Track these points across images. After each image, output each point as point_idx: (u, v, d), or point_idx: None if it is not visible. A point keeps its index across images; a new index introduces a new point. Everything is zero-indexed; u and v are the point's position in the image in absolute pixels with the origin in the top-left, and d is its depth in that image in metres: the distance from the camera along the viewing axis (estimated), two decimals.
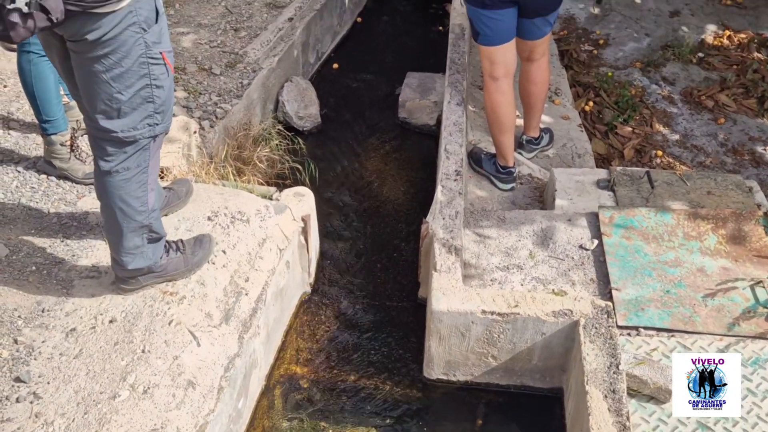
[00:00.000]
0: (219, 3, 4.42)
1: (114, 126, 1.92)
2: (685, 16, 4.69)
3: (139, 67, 1.85)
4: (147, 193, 2.08)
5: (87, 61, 1.82)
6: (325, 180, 3.66)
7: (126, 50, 1.80)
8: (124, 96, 1.87)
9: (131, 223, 2.10)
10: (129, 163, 2.00)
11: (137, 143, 1.98)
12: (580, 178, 3.04)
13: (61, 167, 2.79)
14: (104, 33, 1.75)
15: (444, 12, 5.26)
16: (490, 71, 3.04)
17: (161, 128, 2.01)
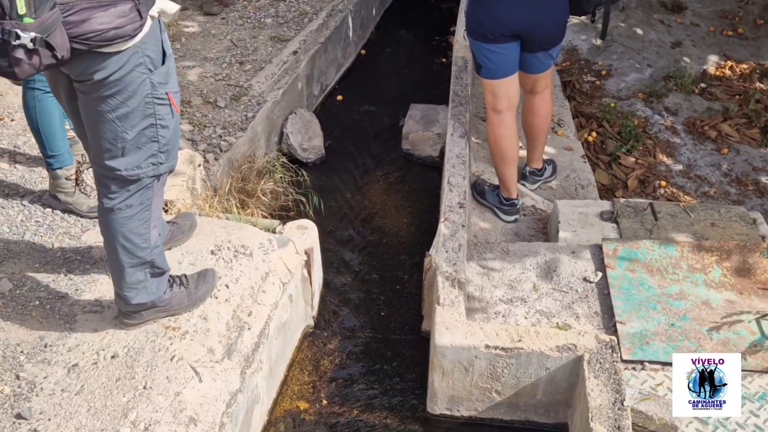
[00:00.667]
0: (225, 37, 4.48)
1: (118, 164, 1.93)
2: (687, 46, 4.72)
3: (144, 107, 1.86)
4: (150, 230, 2.09)
5: (93, 100, 1.83)
6: (328, 212, 3.67)
7: (132, 90, 1.82)
8: (129, 135, 1.88)
9: (134, 259, 2.10)
10: (132, 201, 2.01)
11: (140, 182, 1.99)
12: (583, 209, 3.04)
13: (66, 201, 2.81)
14: (111, 73, 1.77)
15: (447, 44, 5.32)
16: (492, 104, 3.06)
17: (165, 168, 2.02)
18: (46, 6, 1.54)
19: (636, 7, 5.06)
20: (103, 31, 1.67)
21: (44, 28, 1.55)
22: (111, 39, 1.69)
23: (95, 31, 1.65)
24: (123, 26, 1.69)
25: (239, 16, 4.74)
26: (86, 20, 1.63)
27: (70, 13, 1.61)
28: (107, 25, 1.66)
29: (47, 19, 1.55)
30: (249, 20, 4.71)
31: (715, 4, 5.11)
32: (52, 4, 1.56)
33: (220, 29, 4.58)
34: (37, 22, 1.53)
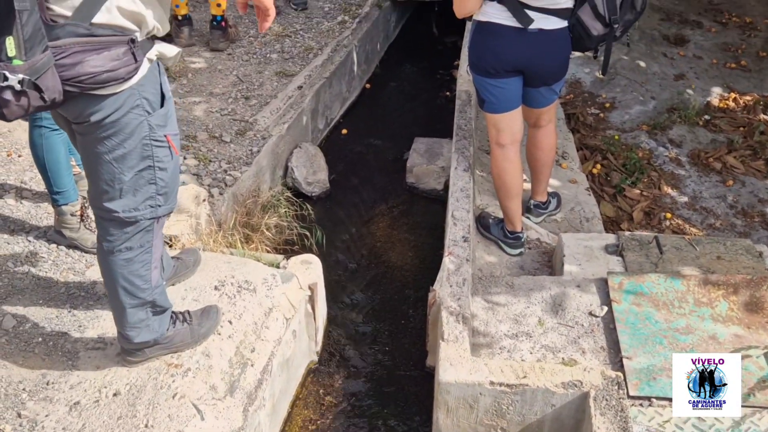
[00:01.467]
0: (231, 72, 4.53)
1: (115, 206, 1.91)
2: (690, 79, 4.74)
3: (142, 149, 1.85)
4: (150, 272, 2.08)
5: (91, 141, 1.83)
6: (333, 246, 3.67)
7: (129, 132, 1.81)
8: (126, 177, 1.87)
9: (134, 300, 2.09)
10: (131, 243, 2.00)
11: (138, 224, 1.97)
12: (588, 243, 3.03)
13: (71, 237, 2.82)
14: (107, 114, 1.76)
15: (451, 77, 5.36)
16: (496, 138, 3.07)
17: (164, 210, 2.00)
18: (37, 49, 1.54)
19: (639, 41, 5.11)
20: (96, 74, 1.65)
21: (34, 70, 1.54)
22: (104, 82, 1.68)
23: (88, 74, 1.65)
24: (116, 69, 1.68)
25: (245, 51, 4.80)
26: (79, 63, 1.63)
27: (63, 56, 1.60)
28: (100, 68, 1.65)
29: (37, 61, 1.54)
30: (255, 56, 4.76)
31: (717, 37, 5.15)
32: (44, 47, 1.56)
33: (226, 65, 4.63)
34: (27, 65, 1.53)
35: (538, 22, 2.74)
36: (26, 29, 1.50)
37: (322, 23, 5.23)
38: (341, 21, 5.26)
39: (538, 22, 2.74)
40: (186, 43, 4.76)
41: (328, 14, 5.40)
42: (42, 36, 1.55)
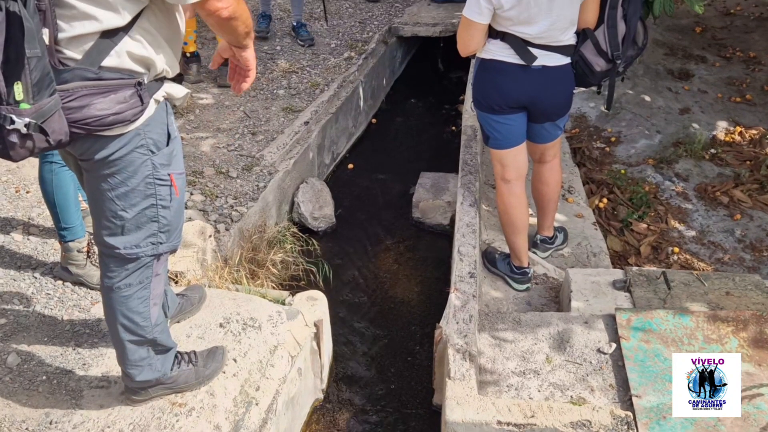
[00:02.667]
0: (238, 108, 4.56)
1: (117, 242, 1.92)
2: (696, 113, 4.75)
3: (145, 187, 1.86)
4: (149, 309, 2.07)
5: (95, 178, 1.84)
6: (338, 281, 3.65)
7: (132, 170, 1.82)
8: (128, 214, 1.88)
9: (134, 337, 2.08)
10: (131, 279, 2.00)
11: (139, 261, 1.97)
12: (595, 278, 3.01)
13: (77, 273, 2.83)
14: (111, 153, 1.77)
15: (456, 112, 5.40)
16: (501, 174, 3.08)
17: (165, 248, 2.00)
18: (45, 92, 1.56)
19: (643, 75, 5.13)
20: (103, 117, 1.67)
21: (40, 114, 1.55)
22: (110, 124, 1.70)
23: (94, 116, 1.66)
24: (123, 112, 1.70)
25: (252, 87, 4.84)
26: (86, 106, 1.65)
27: (71, 99, 1.62)
28: (106, 110, 1.67)
29: (45, 105, 1.56)
30: (262, 92, 4.81)
31: (721, 72, 5.17)
32: (51, 91, 1.57)
33: (234, 101, 4.68)
34: (34, 108, 1.54)
35: (542, 59, 2.76)
36: (34, 74, 1.52)
37: (329, 59, 5.29)
38: (347, 57, 5.32)
39: (542, 59, 2.76)
40: (194, 80, 4.82)
41: (334, 50, 5.46)
42: (50, 80, 1.57)
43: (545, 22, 2.67)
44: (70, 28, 1.61)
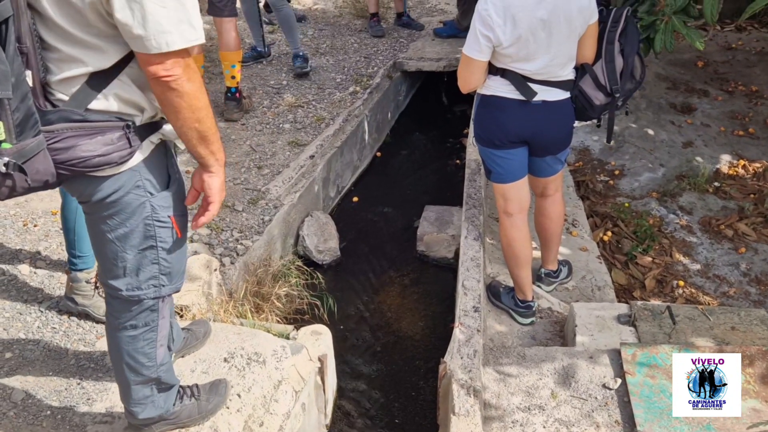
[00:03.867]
0: (244, 142, 4.61)
1: (119, 284, 1.91)
2: (699, 146, 4.78)
3: (144, 229, 1.83)
4: (155, 350, 2.06)
5: (95, 220, 1.84)
6: (343, 315, 3.66)
7: (130, 212, 1.80)
8: (129, 255, 1.86)
9: (139, 377, 2.07)
10: (136, 321, 1.99)
11: (142, 303, 1.96)
12: (600, 313, 3.01)
13: (83, 304, 2.82)
14: (107, 194, 1.76)
15: (460, 146, 5.44)
16: (504, 207, 3.10)
17: (167, 290, 1.97)
18: (29, 133, 1.55)
19: (646, 109, 5.17)
20: (88, 159, 1.65)
21: (21, 154, 1.55)
22: (96, 166, 1.68)
23: (80, 158, 1.64)
24: (109, 154, 1.67)
25: (258, 122, 4.90)
26: (71, 147, 1.63)
27: (56, 140, 1.61)
28: (92, 152, 1.65)
29: (27, 145, 1.55)
30: (268, 126, 4.86)
31: (724, 105, 5.21)
32: (36, 132, 1.57)
33: (240, 134, 4.72)
34: (16, 148, 1.54)
35: (542, 95, 2.80)
36: (17, 115, 1.52)
37: (334, 94, 5.35)
38: (353, 91, 5.38)
39: (542, 94, 2.80)
40: None
41: (339, 85, 5.52)
42: (35, 121, 1.56)
43: (544, 59, 2.71)
44: (58, 71, 1.61)
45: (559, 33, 2.67)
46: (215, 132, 1.76)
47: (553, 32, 2.66)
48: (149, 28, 1.51)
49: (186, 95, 1.63)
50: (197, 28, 1.58)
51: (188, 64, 1.61)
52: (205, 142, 1.75)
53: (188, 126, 1.69)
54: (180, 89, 1.61)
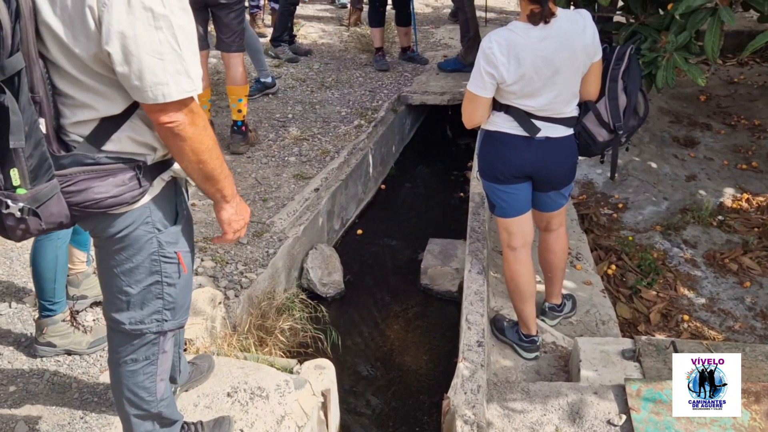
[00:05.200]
0: (250, 175, 4.65)
1: (122, 318, 1.93)
2: (702, 180, 4.79)
3: (150, 264, 1.86)
4: (156, 384, 2.06)
5: (104, 254, 1.87)
6: (347, 348, 3.65)
7: (138, 247, 1.83)
8: (134, 290, 1.88)
9: (139, 411, 2.08)
10: (137, 355, 2.00)
11: (144, 337, 1.97)
12: (604, 347, 3.00)
13: (63, 344, 2.81)
14: (119, 230, 1.79)
15: (464, 179, 5.47)
16: (507, 241, 3.11)
17: (170, 325, 1.99)
18: (43, 178, 1.60)
19: (649, 142, 5.20)
20: (100, 200, 1.70)
21: (35, 198, 1.60)
22: (108, 206, 1.72)
23: (92, 200, 1.69)
24: (121, 194, 1.72)
25: (264, 154, 4.94)
26: (84, 190, 1.68)
27: (69, 183, 1.66)
28: (104, 194, 1.70)
29: (41, 190, 1.60)
30: (273, 158, 4.90)
31: (727, 139, 5.24)
32: (49, 176, 1.62)
33: (246, 167, 4.76)
34: (30, 193, 1.59)
35: (545, 131, 2.83)
36: (30, 161, 1.57)
37: (339, 127, 5.40)
38: (358, 125, 5.43)
39: (545, 130, 2.83)
40: None
41: (344, 118, 5.58)
42: (48, 166, 1.61)
43: (548, 96, 2.74)
44: (72, 115, 1.66)
45: (562, 71, 2.71)
46: (222, 170, 1.80)
47: (557, 70, 2.69)
48: (146, 80, 1.55)
49: (189, 139, 1.67)
50: (194, 78, 1.63)
51: (191, 109, 1.65)
52: (211, 180, 1.80)
53: (193, 167, 1.74)
54: (183, 134, 1.66)
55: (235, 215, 1.93)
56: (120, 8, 1.50)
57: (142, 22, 1.52)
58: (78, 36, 1.54)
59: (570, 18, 2.72)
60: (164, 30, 1.54)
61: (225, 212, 1.91)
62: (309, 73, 6.58)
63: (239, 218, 1.96)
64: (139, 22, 1.51)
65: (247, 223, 2.02)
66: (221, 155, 1.80)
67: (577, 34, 2.70)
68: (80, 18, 1.52)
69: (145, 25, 1.52)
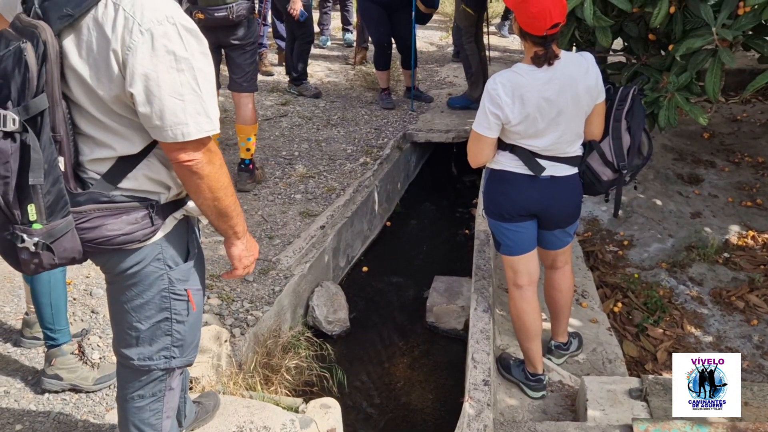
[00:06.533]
0: (256, 212, 4.68)
1: (131, 354, 1.94)
2: (707, 217, 4.80)
3: (160, 300, 1.88)
4: (161, 422, 2.07)
5: (114, 289, 1.90)
6: (352, 387, 3.63)
7: (148, 284, 1.85)
8: (143, 326, 1.90)
9: None
10: (144, 391, 2.01)
11: (151, 373, 1.98)
12: (611, 387, 2.98)
13: (69, 378, 2.81)
14: (130, 266, 1.82)
15: (470, 216, 5.49)
16: (513, 280, 3.12)
17: (178, 362, 2.00)
18: (59, 214, 1.65)
19: (654, 180, 5.23)
20: (113, 237, 1.74)
21: (50, 234, 1.64)
22: (120, 244, 1.76)
23: (105, 237, 1.73)
24: (133, 232, 1.76)
25: (270, 192, 4.98)
26: (98, 227, 1.72)
27: (84, 220, 1.70)
28: (117, 231, 1.74)
29: (56, 226, 1.65)
30: (279, 196, 4.94)
31: (731, 176, 5.26)
32: (65, 213, 1.66)
33: (252, 205, 4.79)
34: (45, 229, 1.63)
35: (550, 170, 2.86)
36: (48, 198, 1.62)
37: (345, 165, 5.45)
38: (363, 162, 5.48)
39: (550, 169, 2.86)
40: None
41: (350, 156, 5.63)
42: (65, 203, 1.66)
43: (552, 136, 2.78)
44: (90, 153, 1.72)
45: (566, 112, 2.75)
46: (235, 208, 1.86)
47: (561, 111, 2.74)
48: (166, 119, 1.62)
49: (207, 177, 1.73)
50: (213, 118, 1.69)
51: (209, 148, 1.71)
52: (225, 217, 1.85)
53: (208, 204, 1.79)
54: (200, 172, 1.71)
55: (245, 251, 1.98)
56: (144, 51, 1.57)
57: (164, 64, 1.59)
58: (101, 78, 1.61)
59: (573, 60, 2.77)
60: (185, 72, 1.61)
61: (236, 248, 1.96)
62: (315, 111, 6.66)
63: (249, 254, 2.01)
64: (162, 65, 1.58)
65: (256, 259, 2.06)
66: (234, 193, 1.86)
67: (581, 76, 2.75)
68: (104, 61, 1.59)
69: (167, 67, 1.59)
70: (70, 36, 1.62)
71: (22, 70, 1.57)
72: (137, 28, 1.57)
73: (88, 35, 1.61)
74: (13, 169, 1.57)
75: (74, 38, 1.62)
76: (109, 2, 1.60)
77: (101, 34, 1.59)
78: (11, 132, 1.55)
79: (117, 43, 1.58)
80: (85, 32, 1.61)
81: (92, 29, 1.60)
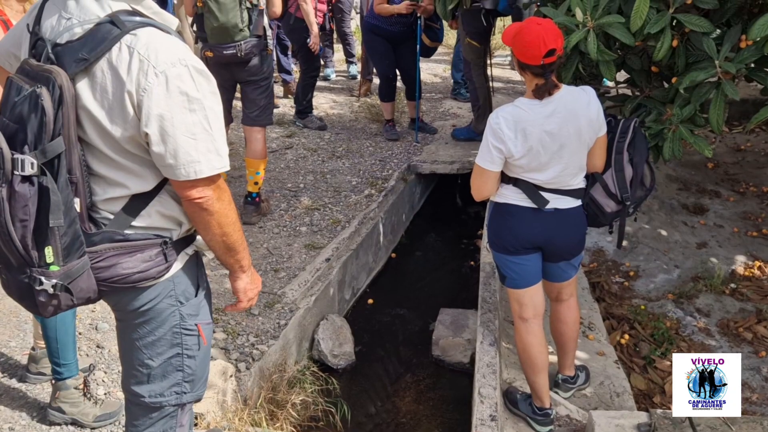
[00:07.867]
0: (261, 245, 4.68)
1: (142, 390, 1.95)
2: (713, 247, 4.79)
3: (172, 336, 1.90)
4: None
5: (126, 327, 1.91)
6: (357, 422, 3.60)
7: (161, 320, 1.87)
8: (155, 363, 1.91)
9: None
10: (154, 429, 2.01)
11: (163, 410, 1.98)
12: (619, 421, 2.95)
13: (71, 412, 2.81)
14: (142, 304, 1.84)
15: (475, 247, 5.48)
16: (519, 313, 3.11)
17: (189, 397, 2.01)
18: (75, 255, 1.67)
19: (659, 210, 5.22)
20: (128, 276, 1.76)
21: (68, 275, 1.66)
22: (135, 281, 1.78)
23: (120, 275, 1.75)
24: (147, 270, 1.78)
25: (276, 225, 4.99)
26: (113, 266, 1.74)
27: (99, 260, 1.72)
28: (132, 269, 1.76)
29: (73, 266, 1.67)
30: (285, 228, 4.94)
31: (736, 206, 5.25)
32: (81, 253, 1.68)
33: (257, 237, 4.80)
34: (63, 270, 1.65)
35: (553, 203, 2.87)
36: (65, 239, 1.64)
37: (350, 197, 5.46)
38: (368, 194, 5.49)
39: (553, 202, 2.87)
40: None
41: (355, 188, 5.65)
42: (81, 243, 1.68)
43: (555, 169, 2.79)
44: (103, 193, 1.75)
45: (568, 145, 2.76)
46: (242, 242, 1.90)
47: (563, 144, 2.75)
48: (180, 158, 1.66)
49: (216, 213, 1.77)
50: (223, 155, 1.73)
51: (218, 185, 1.76)
52: (232, 252, 1.89)
53: (217, 240, 1.83)
54: (210, 209, 1.76)
55: (250, 284, 2.01)
56: (159, 93, 1.61)
57: (178, 105, 1.63)
58: (115, 119, 1.65)
59: (575, 94, 2.80)
60: (197, 112, 1.66)
61: (241, 281, 1.99)
62: (320, 143, 6.70)
63: (253, 287, 2.04)
64: (176, 105, 1.63)
65: (260, 291, 2.10)
66: (242, 227, 1.89)
67: (582, 109, 2.77)
68: (119, 102, 1.63)
69: (180, 108, 1.63)
70: (84, 79, 1.65)
71: (38, 114, 1.59)
72: (152, 70, 1.61)
73: (102, 78, 1.64)
74: (31, 212, 1.59)
75: (88, 81, 1.65)
76: (123, 46, 1.63)
77: (116, 77, 1.63)
78: (29, 176, 1.59)
79: (132, 85, 1.62)
80: (99, 75, 1.64)
81: (106, 72, 1.64)
